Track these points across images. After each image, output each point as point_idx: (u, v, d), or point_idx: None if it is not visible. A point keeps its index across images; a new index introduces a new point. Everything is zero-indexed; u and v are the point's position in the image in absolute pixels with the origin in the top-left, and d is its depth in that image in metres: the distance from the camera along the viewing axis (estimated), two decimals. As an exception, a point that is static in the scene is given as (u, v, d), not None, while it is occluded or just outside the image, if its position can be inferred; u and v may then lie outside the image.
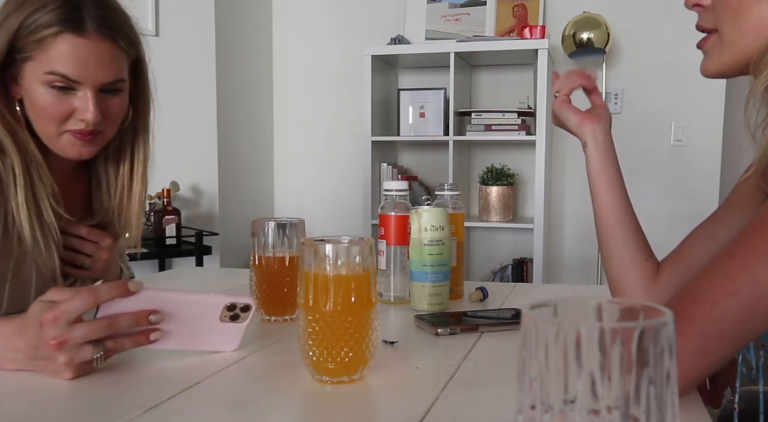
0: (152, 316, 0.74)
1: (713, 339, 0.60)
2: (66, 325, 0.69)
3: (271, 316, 0.96)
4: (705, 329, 0.60)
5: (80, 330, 0.70)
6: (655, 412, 0.34)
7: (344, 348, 0.68)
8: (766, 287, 0.58)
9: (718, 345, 0.60)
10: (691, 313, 0.61)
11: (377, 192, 2.99)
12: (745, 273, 0.59)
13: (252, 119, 3.31)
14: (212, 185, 2.95)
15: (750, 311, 0.59)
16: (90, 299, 0.71)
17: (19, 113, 0.95)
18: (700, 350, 0.60)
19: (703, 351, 0.60)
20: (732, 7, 0.70)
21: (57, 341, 0.69)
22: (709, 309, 0.60)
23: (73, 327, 0.70)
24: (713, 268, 0.62)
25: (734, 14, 0.71)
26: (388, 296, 1.10)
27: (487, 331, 0.90)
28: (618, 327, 0.34)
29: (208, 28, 2.92)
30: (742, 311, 0.59)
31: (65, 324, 0.69)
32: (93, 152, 0.99)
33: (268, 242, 0.96)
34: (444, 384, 0.70)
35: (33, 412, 0.63)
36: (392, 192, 1.11)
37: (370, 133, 2.97)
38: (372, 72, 2.96)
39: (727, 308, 0.59)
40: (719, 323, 0.59)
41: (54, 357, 0.70)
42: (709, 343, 0.60)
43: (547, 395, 0.35)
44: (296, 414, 0.66)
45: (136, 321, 0.73)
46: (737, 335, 0.60)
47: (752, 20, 0.69)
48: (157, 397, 0.65)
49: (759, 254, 0.59)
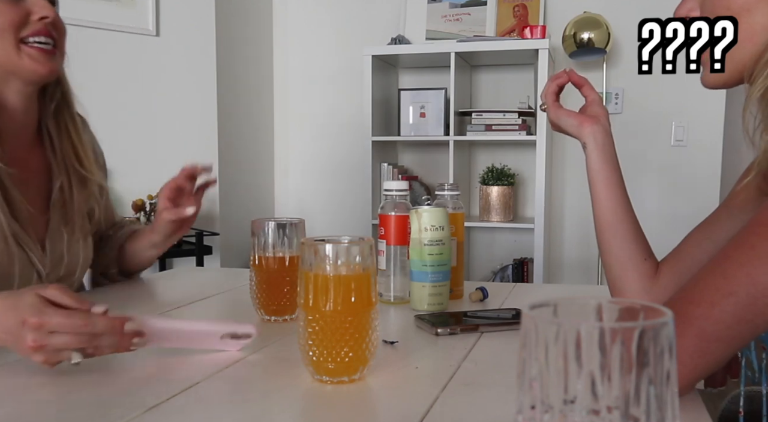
0: (135, 339, 0.74)
1: (711, 339, 0.60)
2: (48, 333, 0.69)
3: (271, 316, 0.96)
4: (703, 329, 0.60)
5: (61, 339, 0.69)
6: (655, 412, 0.34)
7: (344, 348, 0.68)
8: (763, 288, 0.58)
9: (716, 345, 0.60)
10: (690, 314, 0.60)
11: (377, 192, 2.99)
12: (742, 273, 0.59)
13: (252, 118, 3.31)
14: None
15: (747, 311, 0.58)
16: (83, 330, 0.70)
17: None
18: (698, 350, 0.60)
19: (701, 351, 0.60)
20: (729, 13, 0.70)
21: (36, 344, 0.69)
22: (707, 310, 0.60)
23: (54, 335, 0.69)
24: (711, 268, 0.62)
25: (738, 11, 0.70)
26: (388, 296, 1.10)
27: (487, 331, 0.90)
28: (618, 327, 0.34)
29: (208, 28, 2.92)
30: (739, 311, 0.59)
31: (47, 333, 0.69)
32: (55, 68, 1.05)
33: (268, 242, 0.96)
34: (444, 384, 0.70)
35: (33, 411, 0.63)
36: (392, 192, 1.11)
37: (371, 133, 2.97)
38: (372, 72, 2.96)
39: (724, 309, 0.59)
40: (717, 324, 0.59)
41: (29, 354, 0.70)
42: (707, 344, 0.60)
43: (547, 395, 0.35)
44: (296, 414, 0.65)
45: (119, 342, 0.73)
46: (735, 336, 0.59)
47: (744, 29, 0.69)
48: (158, 397, 0.65)
49: (756, 254, 0.59)
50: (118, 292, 1.20)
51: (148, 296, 1.13)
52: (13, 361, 0.78)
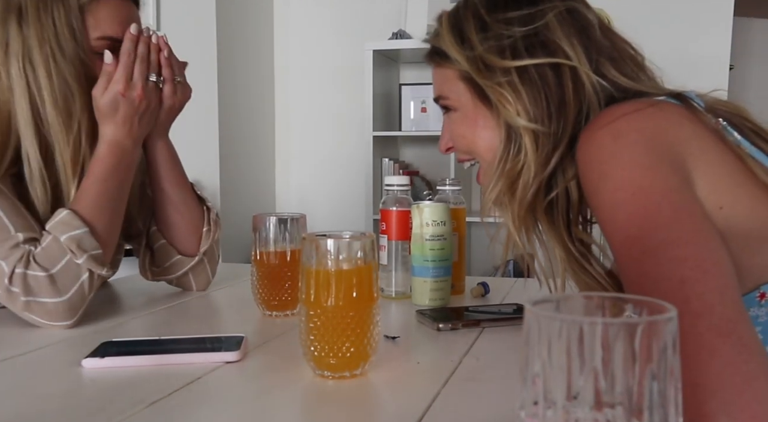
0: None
1: (728, 333, 0.53)
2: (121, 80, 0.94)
3: (273, 311, 0.96)
4: (740, 336, 0.52)
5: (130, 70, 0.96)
6: (658, 408, 0.34)
7: (346, 344, 0.68)
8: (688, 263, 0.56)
9: (738, 331, 0.53)
10: (708, 342, 0.52)
11: (379, 187, 2.99)
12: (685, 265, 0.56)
13: (253, 114, 3.31)
14: (214, 181, 2.95)
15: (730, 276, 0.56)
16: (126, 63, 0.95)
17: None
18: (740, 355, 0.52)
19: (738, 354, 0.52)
20: (466, 141, 0.85)
21: (122, 88, 0.94)
22: (700, 318, 0.53)
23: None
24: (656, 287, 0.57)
25: (469, 144, 0.84)
26: (390, 291, 1.10)
27: (488, 327, 0.90)
28: (621, 322, 0.34)
29: (209, 24, 2.91)
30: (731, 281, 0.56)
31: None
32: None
33: (269, 238, 0.96)
34: (445, 380, 0.70)
35: (34, 407, 0.63)
36: (394, 187, 1.11)
37: (372, 128, 2.96)
38: (373, 67, 2.95)
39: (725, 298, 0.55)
40: (720, 321, 0.53)
41: (131, 99, 0.95)
42: (736, 339, 0.52)
43: (549, 391, 0.35)
44: (298, 409, 0.65)
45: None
46: (736, 307, 0.54)
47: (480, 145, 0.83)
48: (159, 392, 0.65)
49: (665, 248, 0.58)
50: (119, 285, 1.20)
51: (149, 290, 1.13)
52: (15, 357, 0.78)
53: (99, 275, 0.91)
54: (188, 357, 0.75)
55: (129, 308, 1.06)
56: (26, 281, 0.86)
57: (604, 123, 0.67)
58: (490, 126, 0.80)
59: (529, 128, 0.74)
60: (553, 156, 0.75)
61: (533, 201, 0.77)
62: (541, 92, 0.75)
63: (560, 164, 0.76)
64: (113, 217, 0.96)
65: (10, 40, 0.92)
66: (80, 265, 0.88)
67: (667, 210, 0.60)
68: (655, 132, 0.65)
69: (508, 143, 0.78)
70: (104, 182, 0.94)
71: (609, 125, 0.66)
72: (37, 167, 0.93)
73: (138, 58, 0.97)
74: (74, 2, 0.93)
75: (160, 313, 1.01)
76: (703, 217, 0.61)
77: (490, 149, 0.81)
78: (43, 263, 0.87)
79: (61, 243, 0.88)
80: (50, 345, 0.83)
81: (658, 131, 0.65)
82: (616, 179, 0.63)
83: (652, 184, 0.61)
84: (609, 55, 0.77)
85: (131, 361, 0.74)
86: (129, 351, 0.76)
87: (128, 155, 0.97)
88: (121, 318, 0.97)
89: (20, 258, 0.86)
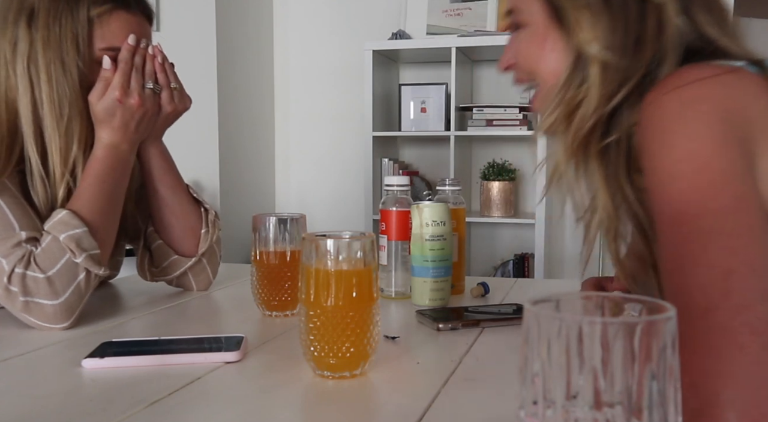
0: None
1: (762, 332, 0.51)
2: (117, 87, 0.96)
3: (272, 311, 0.96)
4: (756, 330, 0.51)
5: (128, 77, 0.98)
6: (658, 408, 0.34)
7: (345, 343, 0.68)
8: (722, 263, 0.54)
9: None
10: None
11: (378, 187, 2.99)
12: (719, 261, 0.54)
13: (253, 114, 3.30)
14: (213, 181, 2.95)
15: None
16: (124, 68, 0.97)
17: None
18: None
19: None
20: (530, 61, 0.78)
21: (121, 93, 0.95)
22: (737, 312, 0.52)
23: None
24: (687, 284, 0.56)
25: (532, 64, 0.78)
26: (390, 291, 1.10)
27: (488, 326, 0.90)
28: (620, 322, 0.34)
29: (208, 24, 2.91)
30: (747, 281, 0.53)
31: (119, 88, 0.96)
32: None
33: (269, 238, 0.96)
34: (445, 380, 0.70)
35: (34, 407, 0.63)
36: (393, 187, 1.11)
37: (371, 128, 2.96)
38: (373, 67, 2.95)
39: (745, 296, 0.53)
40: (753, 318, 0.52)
41: (122, 102, 0.95)
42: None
43: (549, 390, 0.35)
44: (298, 409, 0.65)
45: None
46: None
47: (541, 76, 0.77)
48: (159, 392, 0.65)
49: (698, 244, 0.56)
50: (119, 285, 1.20)
51: (149, 290, 1.13)
52: (15, 357, 0.78)
53: (96, 275, 0.91)
54: (188, 357, 0.75)
55: (129, 308, 1.06)
56: (25, 281, 0.86)
57: (673, 86, 0.62)
58: (558, 49, 0.74)
59: (600, 57, 0.69)
60: (619, 93, 0.69)
61: (588, 136, 0.72)
62: (620, 23, 0.69)
63: (624, 103, 0.70)
64: (110, 217, 0.97)
65: (18, 40, 0.93)
66: (78, 264, 0.88)
67: (727, 197, 0.56)
68: (732, 105, 0.60)
69: (574, 70, 0.72)
70: (101, 184, 0.95)
71: (679, 88, 0.61)
72: (36, 166, 0.94)
73: (135, 66, 0.99)
74: (84, 13, 0.95)
75: (160, 313, 1.01)
76: (759, 212, 0.57)
77: (554, 73, 0.75)
78: (43, 265, 0.87)
79: (60, 243, 0.88)
80: (50, 345, 0.83)
81: (735, 105, 0.60)
82: (681, 149, 0.58)
83: (719, 163, 0.57)
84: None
85: (131, 361, 0.74)
86: (129, 351, 0.76)
87: (124, 158, 0.99)
88: (121, 318, 0.97)
89: (21, 258, 0.86)
